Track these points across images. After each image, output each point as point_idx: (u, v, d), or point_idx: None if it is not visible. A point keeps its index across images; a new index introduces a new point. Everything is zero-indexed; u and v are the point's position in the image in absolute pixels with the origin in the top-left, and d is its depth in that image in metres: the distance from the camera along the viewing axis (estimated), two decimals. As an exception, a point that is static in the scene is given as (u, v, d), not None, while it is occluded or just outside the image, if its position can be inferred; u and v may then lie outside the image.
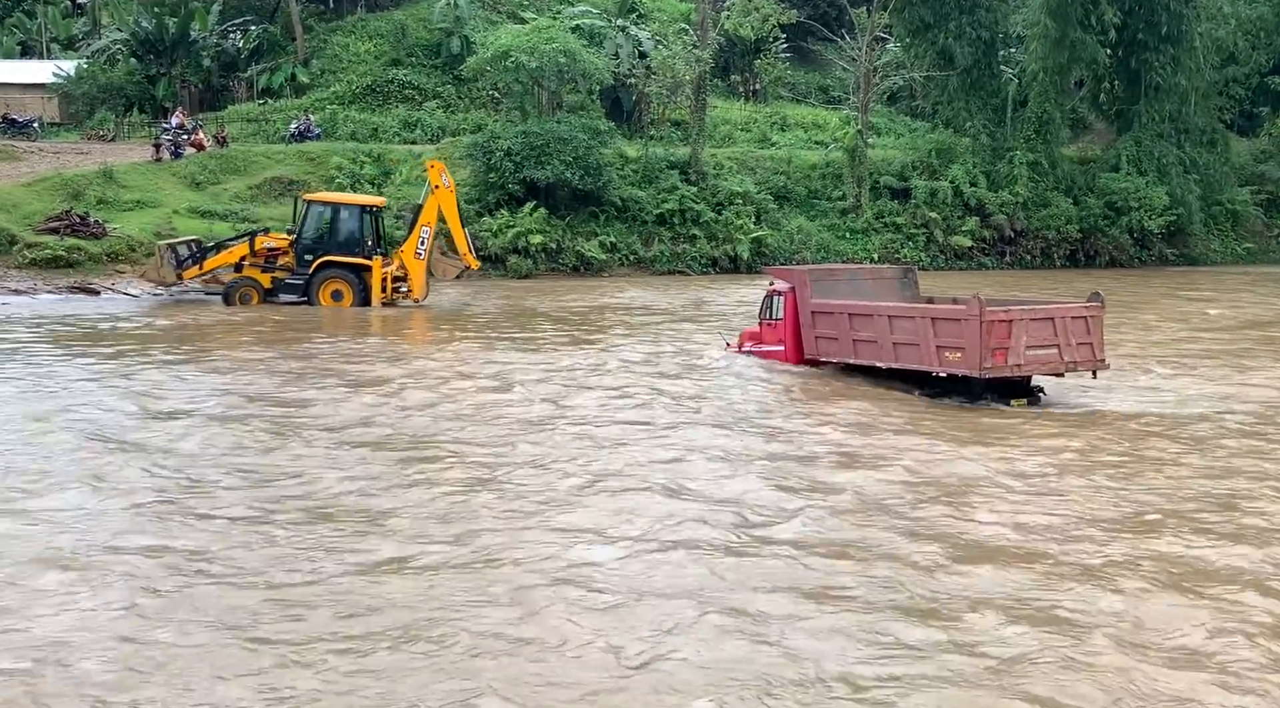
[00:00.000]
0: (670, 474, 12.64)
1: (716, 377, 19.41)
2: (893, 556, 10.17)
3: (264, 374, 18.91)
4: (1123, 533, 10.87)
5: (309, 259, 28.22)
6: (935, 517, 11.30)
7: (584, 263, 39.41)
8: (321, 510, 11.38)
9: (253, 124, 46.02)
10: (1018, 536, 10.85)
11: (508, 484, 12.40)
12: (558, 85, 42.63)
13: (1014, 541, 10.72)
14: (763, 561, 10.02)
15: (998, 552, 10.40)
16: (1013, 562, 10.09)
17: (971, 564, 9.99)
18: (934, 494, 12.16)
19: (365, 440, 14.33)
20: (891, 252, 43.64)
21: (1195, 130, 49.60)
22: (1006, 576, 9.72)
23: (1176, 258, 48.08)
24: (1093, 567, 9.91)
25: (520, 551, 10.12)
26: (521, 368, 19.89)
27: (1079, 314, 17.52)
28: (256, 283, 28.39)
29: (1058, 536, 10.85)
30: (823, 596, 9.17)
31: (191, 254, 29.35)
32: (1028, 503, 12.00)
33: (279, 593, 9.15)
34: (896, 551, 10.32)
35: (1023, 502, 12.05)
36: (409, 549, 10.22)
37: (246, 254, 28.63)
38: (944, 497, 12.12)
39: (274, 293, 28.29)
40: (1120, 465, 13.60)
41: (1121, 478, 12.99)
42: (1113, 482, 12.82)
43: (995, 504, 11.93)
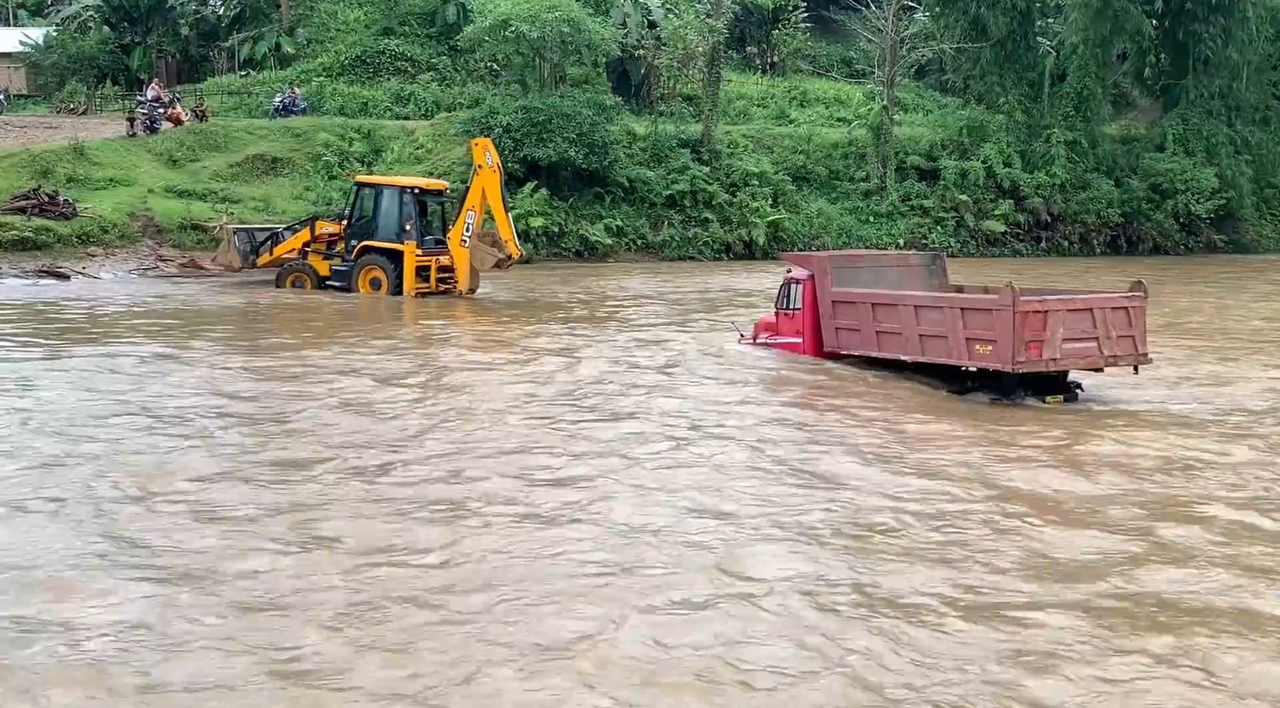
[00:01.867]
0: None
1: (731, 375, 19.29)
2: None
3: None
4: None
5: (354, 245, 28.80)
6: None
7: (588, 248, 39.41)
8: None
9: (234, 97, 46.04)
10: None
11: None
12: (561, 57, 42.57)
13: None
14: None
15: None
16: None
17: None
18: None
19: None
20: (918, 237, 43.57)
21: (1247, 107, 49.46)
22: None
23: (1226, 245, 47.99)
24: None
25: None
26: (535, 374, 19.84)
27: (1120, 305, 17.45)
28: (310, 269, 29.15)
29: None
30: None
31: (265, 240, 30.33)
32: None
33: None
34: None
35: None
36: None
37: (309, 240, 29.36)
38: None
39: (328, 280, 28.99)
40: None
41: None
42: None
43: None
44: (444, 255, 28.40)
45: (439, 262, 28.41)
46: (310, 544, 10.34)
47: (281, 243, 30.06)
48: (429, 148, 41.06)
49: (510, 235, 28.12)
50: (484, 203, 27.93)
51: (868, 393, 17.73)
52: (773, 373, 19.20)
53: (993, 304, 17.11)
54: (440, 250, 28.51)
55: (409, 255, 28.17)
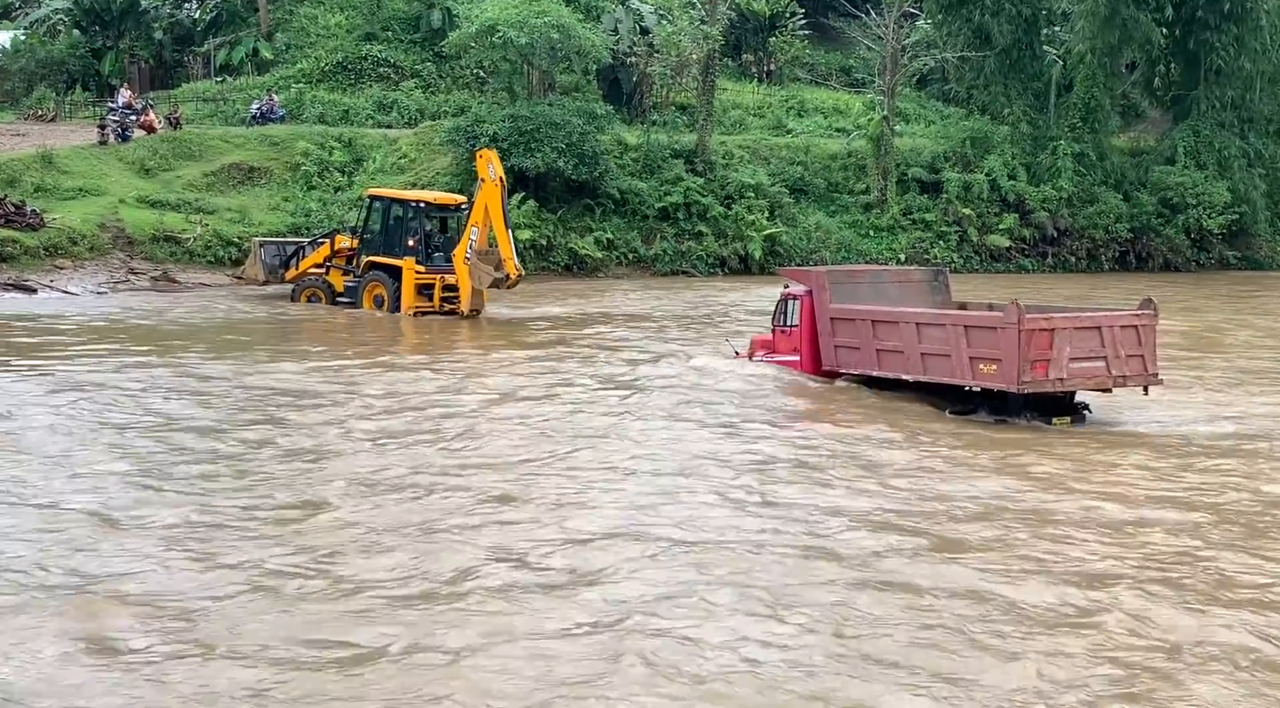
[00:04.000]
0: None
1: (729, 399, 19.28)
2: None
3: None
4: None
5: (363, 260, 29.17)
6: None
7: (577, 262, 39.45)
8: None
9: (209, 104, 46.03)
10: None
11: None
12: (550, 64, 42.66)
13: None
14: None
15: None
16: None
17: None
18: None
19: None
20: (920, 252, 43.66)
21: (1260, 119, 49.67)
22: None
23: (1239, 261, 48.16)
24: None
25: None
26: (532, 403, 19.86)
27: (1129, 323, 17.55)
28: (326, 284, 29.67)
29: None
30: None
31: (293, 254, 30.86)
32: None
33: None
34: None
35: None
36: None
37: (330, 254, 29.79)
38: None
39: (340, 296, 29.40)
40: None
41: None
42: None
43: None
44: (450, 274, 28.23)
45: (444, 280, 28.28)
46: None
47: (304, 259, 30.46)
48: (412, 157, 41.11)
49: (510, 254, 27.61)
50: (487, 218, 27.69)
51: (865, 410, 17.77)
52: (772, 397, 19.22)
53: (997, 322, 17.19)
54: (448, 268, 28.35)
55: (407, 272, 28.17)
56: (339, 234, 30.33)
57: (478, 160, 28.84)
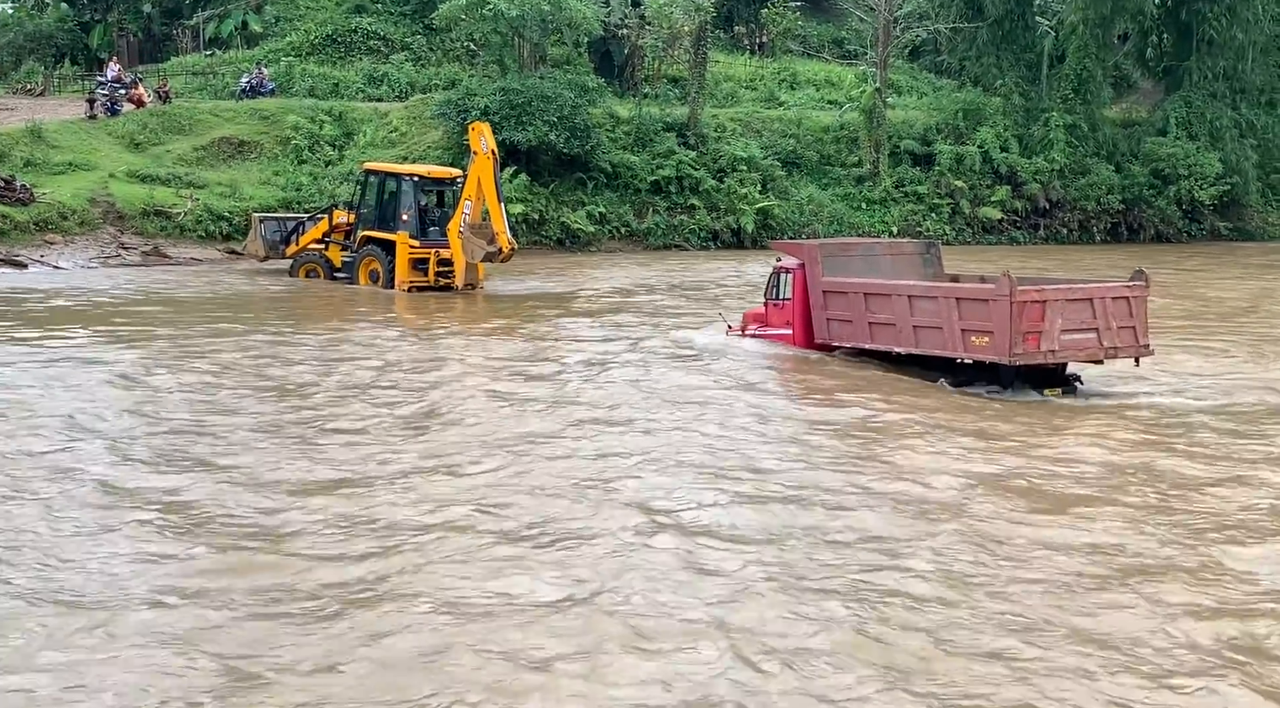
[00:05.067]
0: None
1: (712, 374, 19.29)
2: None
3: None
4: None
5: (360, 235, 29.12)
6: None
7: (569, 236, 39.38)
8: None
9: (199, 78, 45.84)
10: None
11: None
12: (541, 36, 42.49)
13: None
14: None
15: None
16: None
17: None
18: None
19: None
20: (912, 224, 43.68)
21: (1252, 90, 49.66)
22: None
23: (1230, 232, 48.25)
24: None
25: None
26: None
27: (1120, 294, 17.56)
28: (323, 259, 29.68)
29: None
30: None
31: (295, 229, 30.84)
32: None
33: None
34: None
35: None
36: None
37: (329, 229, 29.76)
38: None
39: (337, 272, 29.39)
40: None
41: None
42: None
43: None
44: (445, 248, 28.08)
45: (439, 255, 28.13)
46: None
47: (303, 234, 30.44)
48: (403, 131, 40.96)
49: (502, 227, 27.38)
50: (480, 192, 27.51)
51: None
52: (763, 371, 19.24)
53: (989, 294, 17.21)
54: (444, 242, 28.18)
55: (401, 247, 28.07)
56: (337, 209, 30.21)
57: (470, 133, 28.62)
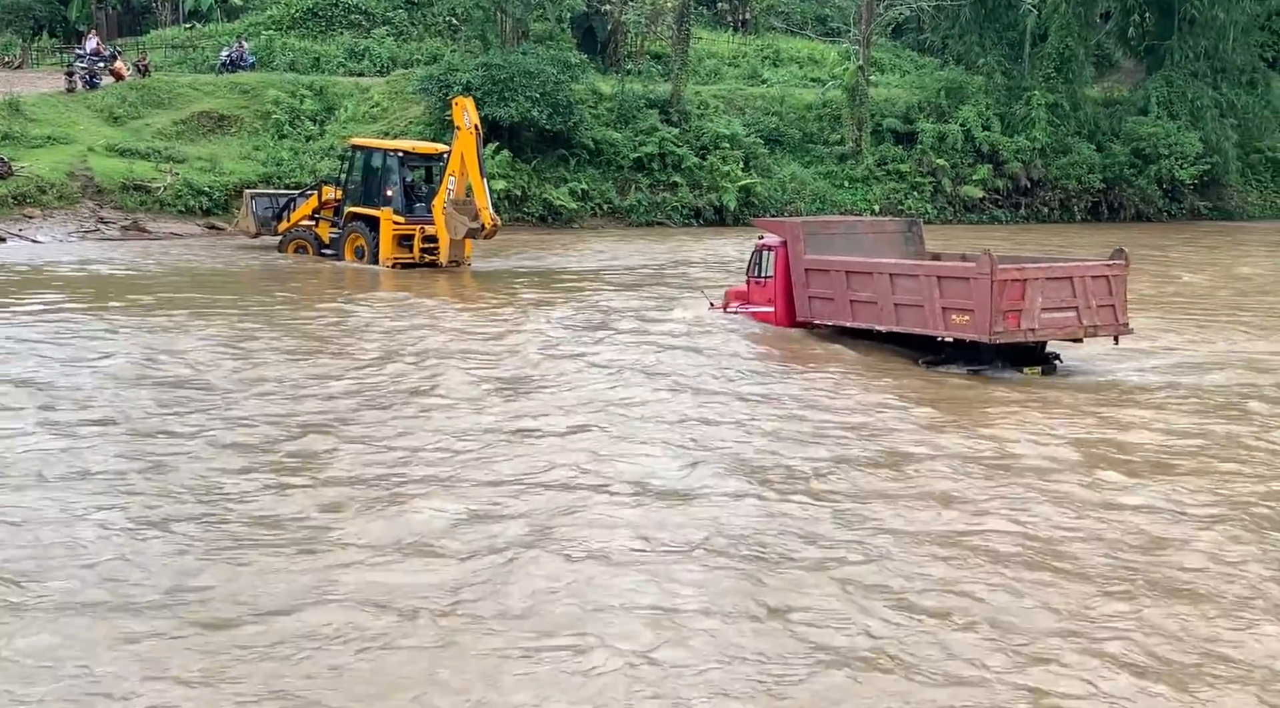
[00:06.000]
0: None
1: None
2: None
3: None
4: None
5: (346, 211, 28.95)
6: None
7: (552, 212, 39.28)
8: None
9: (178, 51, 45.48)
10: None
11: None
12: (523, 12, 42.30)
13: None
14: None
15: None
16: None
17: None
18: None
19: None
20: (894, 202, 43.71)
21: (1233, 69, 49.76)
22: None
23: (1210, 211, 48.41)
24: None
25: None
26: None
27: (1100, 273, 17.64)
28: (312, 235, 29.51)
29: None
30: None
31: (286, 205, 30.62)
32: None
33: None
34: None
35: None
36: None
37: (318, 206, 29.57)
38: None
39: (325, 248, 29.24)
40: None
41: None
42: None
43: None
44: (431, 225, 27.83)
45: (424, 231, 27.92)
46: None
47: (294, 211, 30.27)
48: (384, 106, 40.72)
49: (485, 203, 27.11)
50: (464, 168, 27.21)
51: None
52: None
53: (970, 273, 17.25)
54: (429, 218, 27.93)
55: (385, 222, 27.91)
56: (326, 185, 29.98)
57: (454, 108, 28.44)
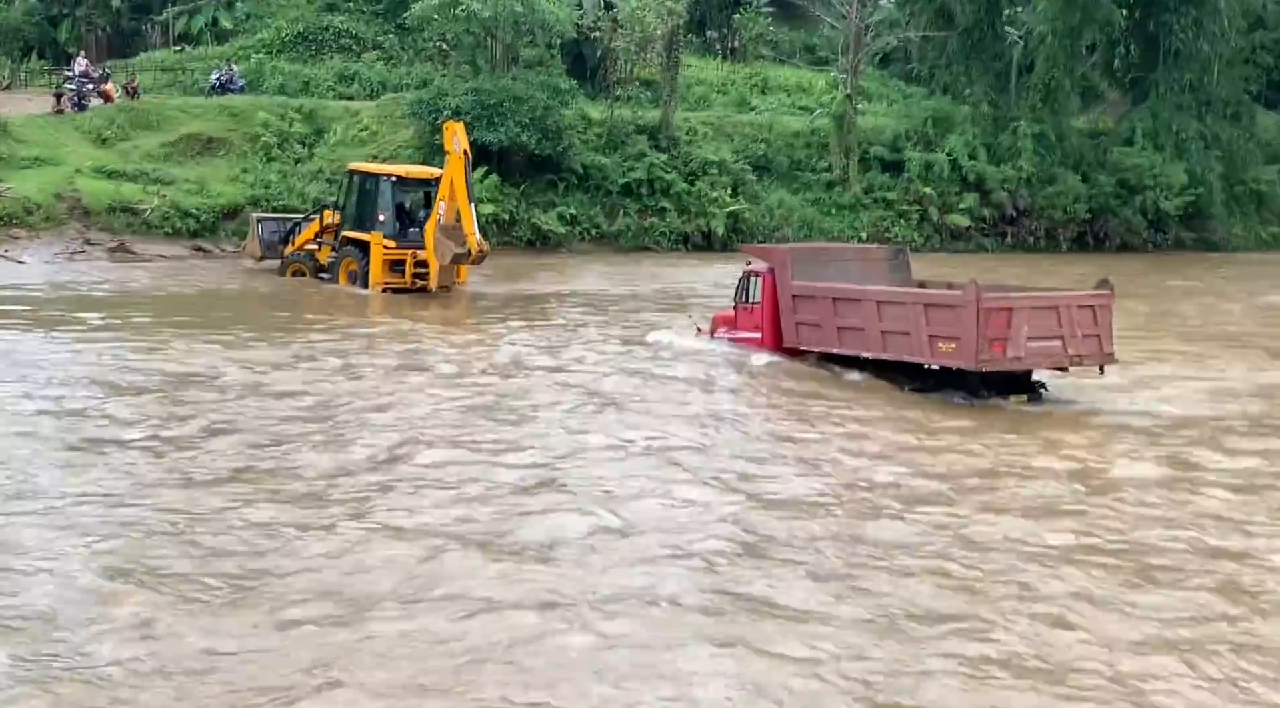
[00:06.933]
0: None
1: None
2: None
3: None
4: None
5: (341, 235, 29.09)
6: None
7: (540, 237, 39.34)
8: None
9: (168, 74, 45.54)
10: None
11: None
12: (513, 37, 42.45)
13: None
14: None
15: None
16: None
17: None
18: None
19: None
20: (881, 230, 43.86)
21: (1218, 102, 50.16)
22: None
23: (1195, 242, 48.64)
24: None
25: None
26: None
27: (1086, 303, 17.72)
28: (310, 258, 29.64)
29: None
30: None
31: (292, 229, 30.79)
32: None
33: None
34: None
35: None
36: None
37: (320, 230, 29.72)
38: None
39: (322, 271, 29.35)
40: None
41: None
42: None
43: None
44: (423, 249, 27.76)
45: (416, 256, 27.88)
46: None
47: (299, 234, 30.43)
48: (374, 130, 40.83)
49: (472, 229, 27.10)
50: (453, 192, 27.21)
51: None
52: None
53: (956, 301, 17.32)
54: (421, 243, 27.87)
55: (375, 247, 27.93)
56: (327, 209, 30.08)
57: (444, 132, 28.54)
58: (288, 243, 30.60)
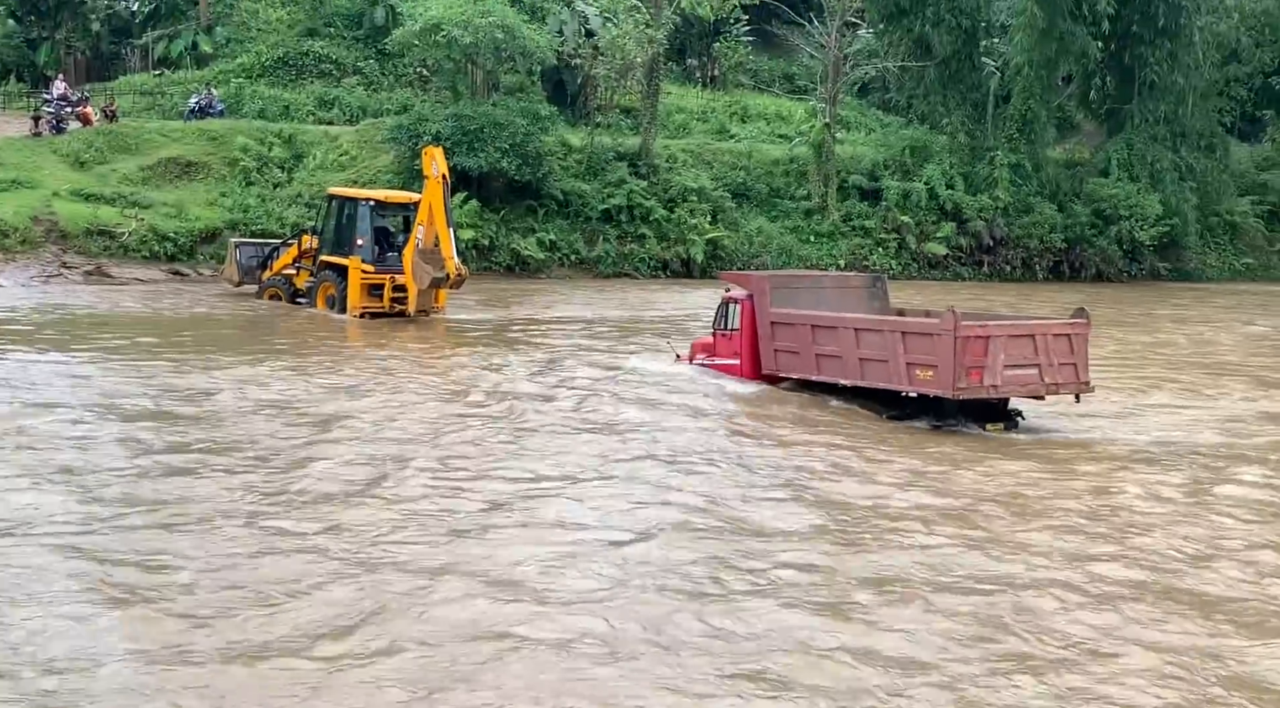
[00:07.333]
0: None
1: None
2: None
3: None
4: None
5: (320, 259, 29.06)
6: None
7: (519, 262, 39.44)
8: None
9: (147, 97, 45.49)
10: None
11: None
12: (494, 64, 42.66)
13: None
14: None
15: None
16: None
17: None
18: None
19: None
20: (859, 258, 44.14)
21: (1192, 133, 50.72)
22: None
23: (1169, 272, 49.07)
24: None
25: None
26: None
27: (1062, 332, 17.87)
28: (286, 283, 29.61)
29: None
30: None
31: (270, 254, 30.75)
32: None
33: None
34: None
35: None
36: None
37: (298, 255, 29.72)
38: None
39: (299, 296, 29.37)
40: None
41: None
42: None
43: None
44: (401, 274, 27.76)
45: (395, 280, 27.90)
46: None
47: (276, 260, 30.39)
48: (354, 155, 40.88)
49: (450, 253, 27.05)
50: (432, 217, 27.17)
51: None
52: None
53: (934, 328, 17.44)
54: (400, 268, 27.86)
55: (353, 272, 27.92)
56: (305, 234, 30.09)
57: (423, 157, 28.59)
58: (266, 267, 30.54)
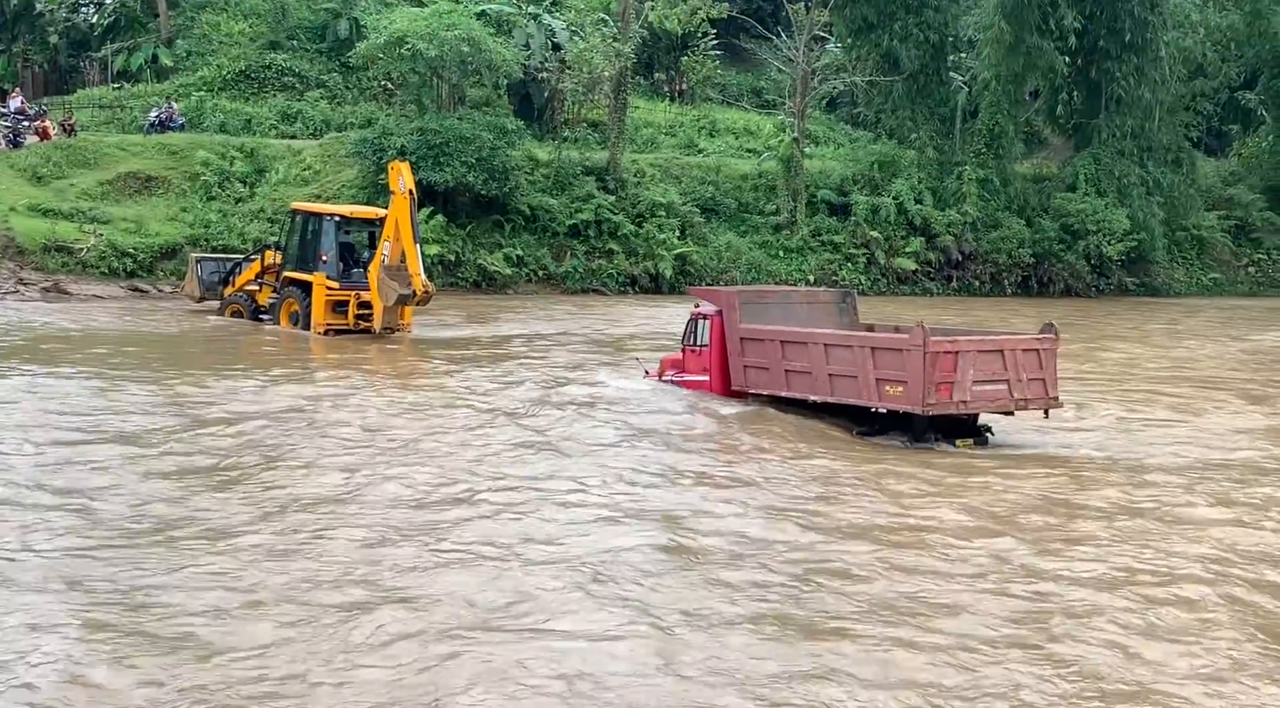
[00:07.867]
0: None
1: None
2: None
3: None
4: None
5: (283, 276, 28.74)
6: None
7: (486, 278, 39.27)
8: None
9: (106, 111, 45.12)
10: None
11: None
12: (460, 77, 42.51)
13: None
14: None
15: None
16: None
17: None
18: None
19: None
20: (829, 273, 44.23)
21: (1159, 148, 51.14)
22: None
23: (1137, 287, 49.41)
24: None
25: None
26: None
27: (1031, 347, 17.89)
28: (249, 300, 29.32)
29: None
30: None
31: (232, 269, 30.42)
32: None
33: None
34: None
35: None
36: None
37: (261, 271, 29.39)
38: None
39: (262, 312, 29.04)
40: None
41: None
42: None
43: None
44: (367, 290, 27.56)
45: (359, 297, 27.70)
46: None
47: (238, 275, 30.06)
48: (317, 169, 40.66)
49: (417, 269, 26.87)
50: (398, 232, 26.98)
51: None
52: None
53: (903, 344, 17.42)
54: (365, 285, 27.65)
55: (318, 288, 27.69)
56: (268, 249, 29.78)
57: (389, 172, 28.39)
58: (228, 283, 30.25)
